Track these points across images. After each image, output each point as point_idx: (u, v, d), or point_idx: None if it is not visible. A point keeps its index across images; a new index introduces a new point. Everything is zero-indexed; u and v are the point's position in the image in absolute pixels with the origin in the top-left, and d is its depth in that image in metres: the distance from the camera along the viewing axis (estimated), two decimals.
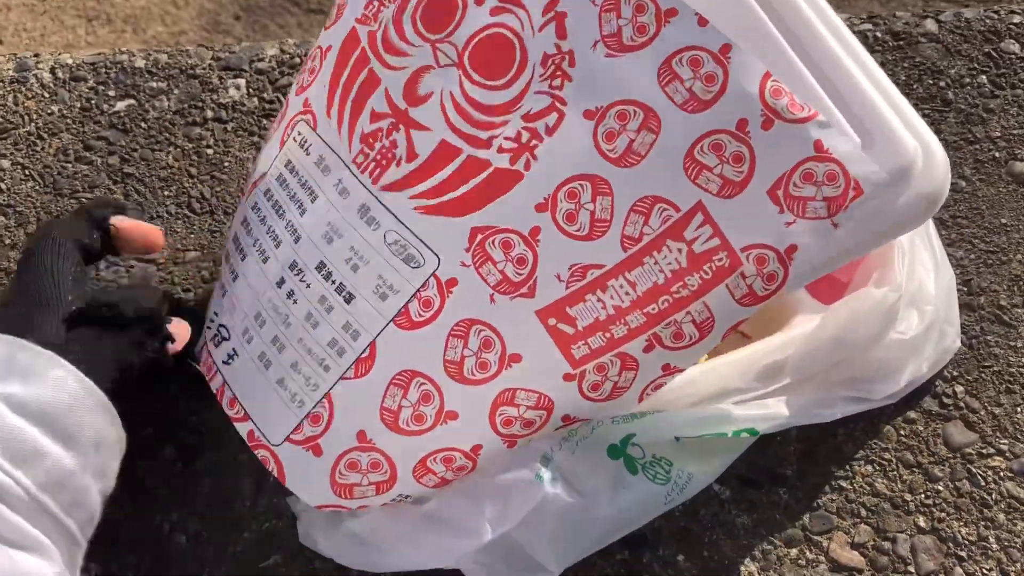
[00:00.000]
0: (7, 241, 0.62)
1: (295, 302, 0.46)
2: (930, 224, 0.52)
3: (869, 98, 0.40)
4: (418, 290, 0.43)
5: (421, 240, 0.43)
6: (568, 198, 0.41)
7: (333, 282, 0.44)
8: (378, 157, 0.43)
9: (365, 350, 0.44)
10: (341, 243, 0.44)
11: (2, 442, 0.37)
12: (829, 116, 0.38)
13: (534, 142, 0.41)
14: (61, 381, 0.40)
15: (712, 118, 0.38)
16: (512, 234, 0.42)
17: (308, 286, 0.45)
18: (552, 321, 0.41)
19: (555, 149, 0.41)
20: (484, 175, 0.42)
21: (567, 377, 0.42)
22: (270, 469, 0.47)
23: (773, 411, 0.48)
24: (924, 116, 0.59)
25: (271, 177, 0.48)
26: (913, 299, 0.48)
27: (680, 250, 0.39)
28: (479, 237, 0.42)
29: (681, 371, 0.43)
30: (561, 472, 0.45)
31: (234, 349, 0.48)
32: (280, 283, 0.47)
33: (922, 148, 0.40)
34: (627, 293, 0.41)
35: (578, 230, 0.41)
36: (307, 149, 0.46)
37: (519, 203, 0.41)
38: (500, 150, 0.41)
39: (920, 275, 0.48)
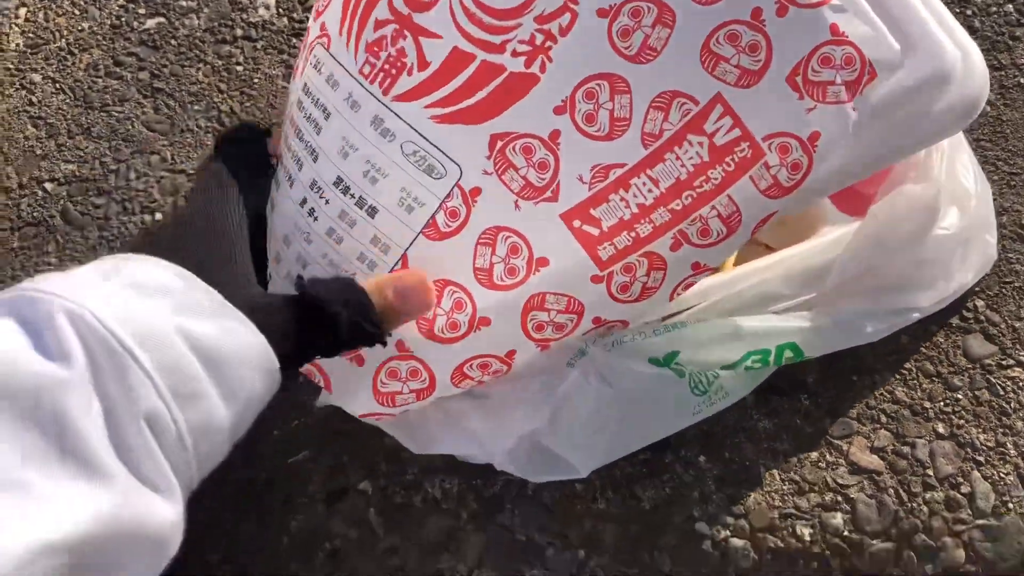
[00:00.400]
0: (38, 152, 0.63)
1: (316, 219, 0.46)
2: (963, 138, 0.53)
3: (910, 3, 0.40)
4: (443, 201, 0.43)
5: (440, 150, 0.42)
6: (586, 98, 0.41)
7: (352, 196, 0.44)
8: (386, 67, 0.43)
9: (397, 263, 0.44)
10: (356, 156, 0.44)
11: (170, 372, 0.34)
12: (856, 8, 0.39)
13: (548, 44, 0.41)
14: (237, 332, 0.37)
15: (726, 9, 0.38)
16: (532, 139, 0.41)
17: (327, 202, 0.45)
18: (577, 223, 0.42)
19: (570, 50, 0.40)
20: (499, 80, 0.41)
21: (595, 279, 0.42)
22: (316, 381, 0.47)
23: (817, 323, 0.48)
24: None
25: (292, 104, 0.48)
26: (953, 195, 0.48)
27: (701, 144, 0.39)
28: (499, 144, 0.42)
29: (712, 270, 0.43)
30: (595, 364, 0.46)
31: (269, 274, 0.49)
32: (303, 203, 0.47)
33: (962, 54, 0.40)
34: (650, 191, 0.41)
35: (598, 130, 0.41)
36: (320, 69, 0.46)
37: (537, 107, 0.41)
38: (514, 54, 0.41)
39: (959, 172, 0.49)
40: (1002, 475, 0.49)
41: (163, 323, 0.35)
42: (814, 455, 0.50)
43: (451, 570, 0.50)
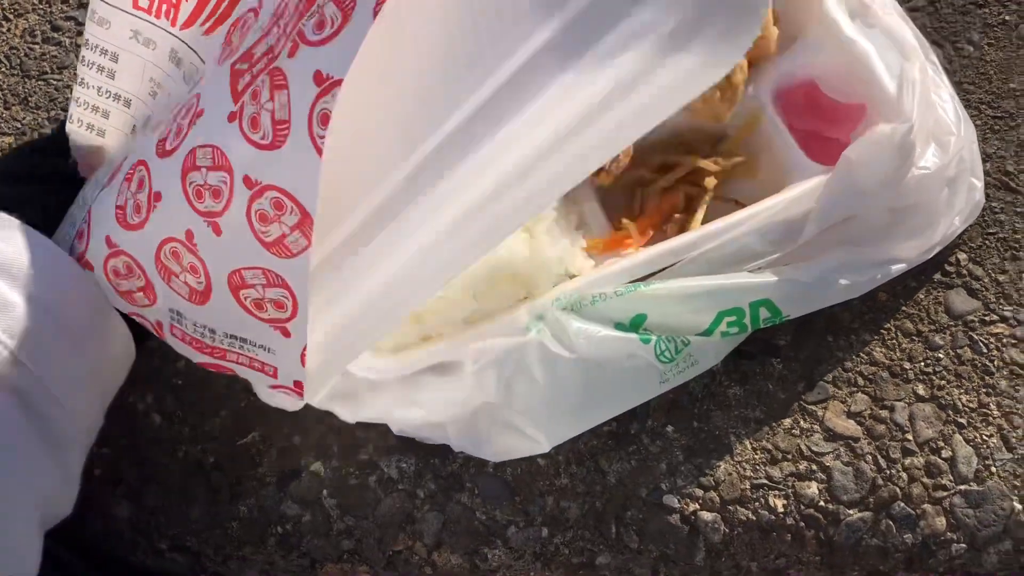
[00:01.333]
0: None
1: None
2: (942, 75, 0.50)
3: None
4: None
5: (200, 57, 0.44)
6: None
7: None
8: None
9: (123, 163, 0.42)
10: (163, 95, 0.45)
11: None
12: None
13: None
14: (14, 239, 0.40)
15: None
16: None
17: None
18: (229, 61, 0.39)
19: None
20: None
21: (231, 117, 0.37)
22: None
23: (792, 277, 0.45)
24: None
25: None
26: (930, 132, 0.45)
27: None
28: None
29: (338, 82, 0.34)
30: (554, 329, 0.43)
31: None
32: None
33: None
34: None
35: None
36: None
37: None
38: None
39: (936, 105, 0.46)
40: (984, 437, 0.47)
41: None
42: (787, 422, 0.48)
43: (409, 551, 0.48)
